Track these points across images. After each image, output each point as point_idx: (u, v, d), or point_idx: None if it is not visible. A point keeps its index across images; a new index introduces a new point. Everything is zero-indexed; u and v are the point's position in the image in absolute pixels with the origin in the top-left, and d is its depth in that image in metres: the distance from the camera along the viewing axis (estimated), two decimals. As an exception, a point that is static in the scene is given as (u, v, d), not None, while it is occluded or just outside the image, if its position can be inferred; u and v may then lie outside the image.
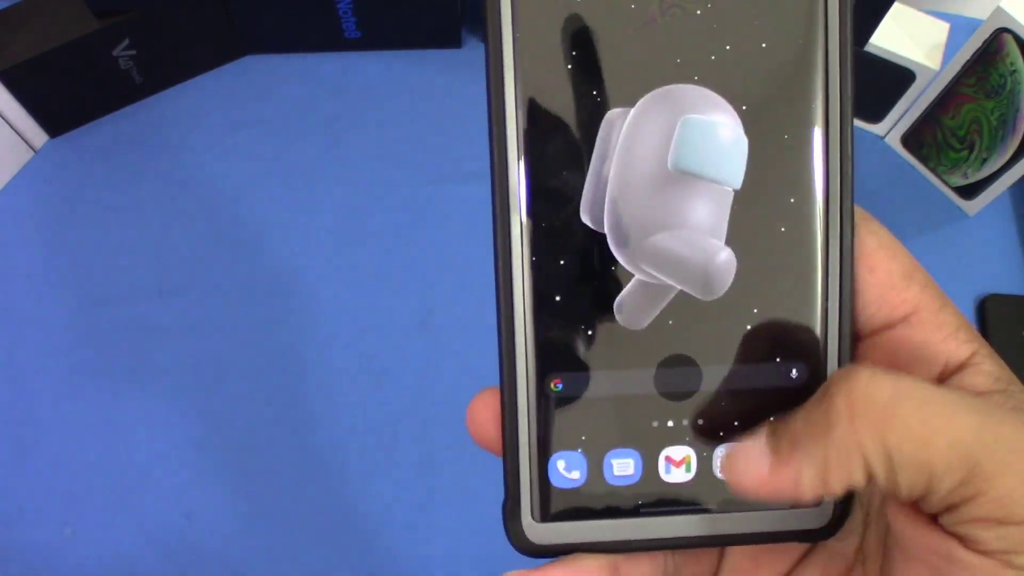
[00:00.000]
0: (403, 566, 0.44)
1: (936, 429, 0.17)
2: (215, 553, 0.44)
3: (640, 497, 0.22)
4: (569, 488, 0.22)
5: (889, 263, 0.21)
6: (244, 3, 0.54)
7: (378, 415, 0.47)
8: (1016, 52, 0.47)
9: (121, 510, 0.45)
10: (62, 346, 0.48)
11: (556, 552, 0.22)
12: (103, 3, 0.50)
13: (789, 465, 0.19)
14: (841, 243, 0.21)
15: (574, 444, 0.22)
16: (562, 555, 0.22)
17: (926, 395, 0.18)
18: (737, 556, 0.23)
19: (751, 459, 0.20)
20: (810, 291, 0.21)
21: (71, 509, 0.45)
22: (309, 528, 0.45)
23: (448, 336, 0.49)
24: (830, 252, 0.21)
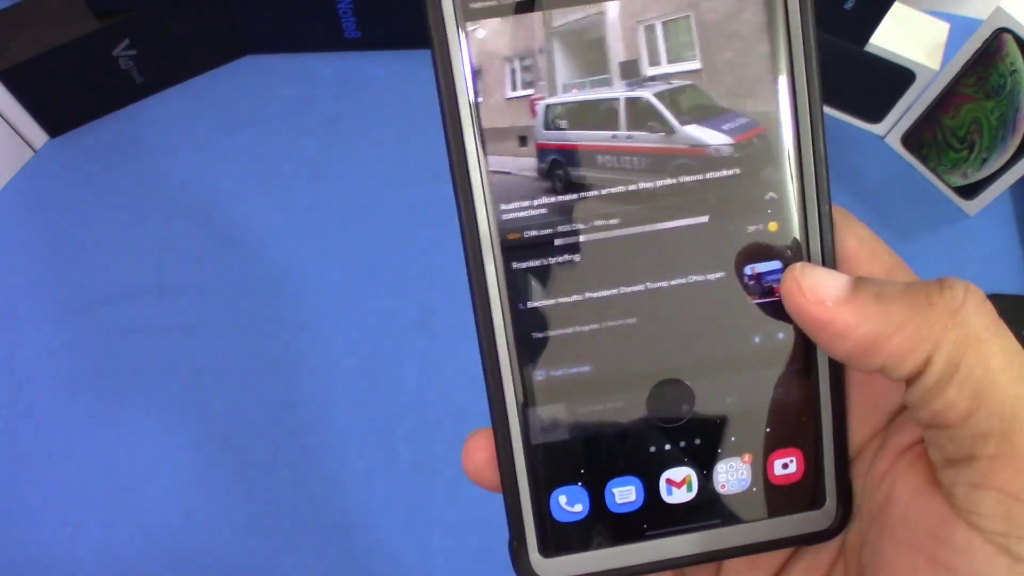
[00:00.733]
0: (403, 566, 0.44)
1: (1012, 377, 0.18)
2: (215, 553, 0.44)
3: (645, 521, 0.22)
4: (573, 521, 0.22)
5: (870, 263, 0.21)
6: (244, 3, 0.54)
7: (377, 415, 0.47)
8: (1016, 52, 0.47)
9: (121, 510, 0.45)
10: (62, 346, 0.48)
11: None
12: (103, 3, 0.50)
13: (863, 309, 0.19)
14: (822, 247, 0.21)
15: (574, 478, 0.22)
16: None
17: (1016, 346, 0.18)
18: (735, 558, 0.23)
19: (829, 282, 0.19)
20: None
21: (71, 509, 0.45)
22: (309, 528, 0.45)
23: (448, 336, 0.49)
24: (811, 258, 0.21)
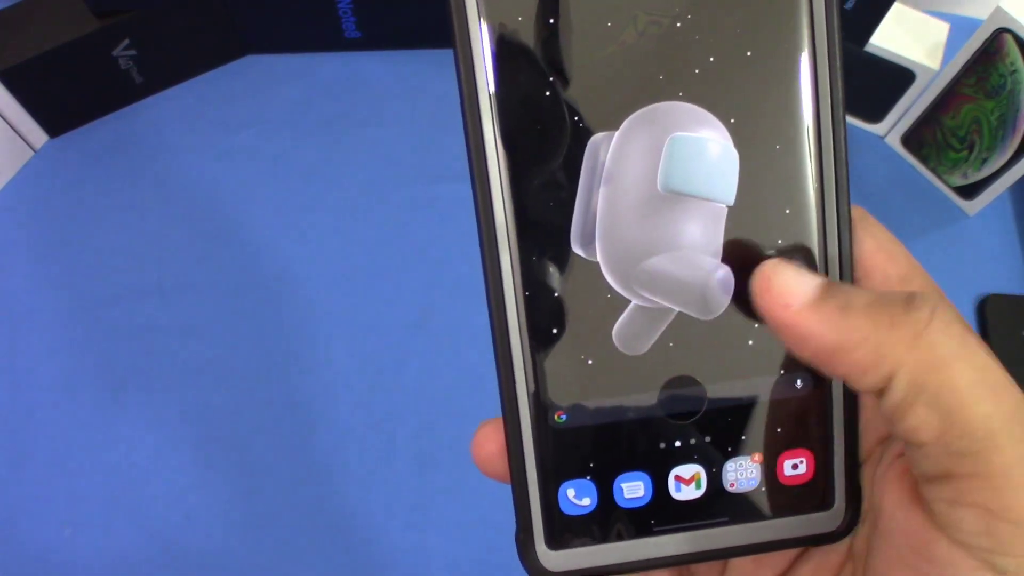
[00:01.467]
0: (403, 566, 0.44)
1: (982, 395, 0.17)
2: (215, 553, 0.44)
3: (652, 517, 0.22)
4: (580, 515, 0.22)
5: (887, 266, 0.21)
6: (244, 3, 0.54)
7: (377, 415, 0.47)
8: (1016, 52, 0.47)
9: (121, 510, 0.45)
10: (62, 346, 0.48)
11: None
12: (103, 3, 0.50)
13: (827, 319, 0.18)
14: (840, 249, 0.21)
15: (582, 472, 0.22)
16: None
17: (987, 362, 0.18)
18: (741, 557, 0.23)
19: (797, 286, 0.19)
20: None
21: (71, 509, 0.45)
22: (308, 528, 0.45)
23: (447, 336, 0.49)
24: (828, 259, 0.21)
